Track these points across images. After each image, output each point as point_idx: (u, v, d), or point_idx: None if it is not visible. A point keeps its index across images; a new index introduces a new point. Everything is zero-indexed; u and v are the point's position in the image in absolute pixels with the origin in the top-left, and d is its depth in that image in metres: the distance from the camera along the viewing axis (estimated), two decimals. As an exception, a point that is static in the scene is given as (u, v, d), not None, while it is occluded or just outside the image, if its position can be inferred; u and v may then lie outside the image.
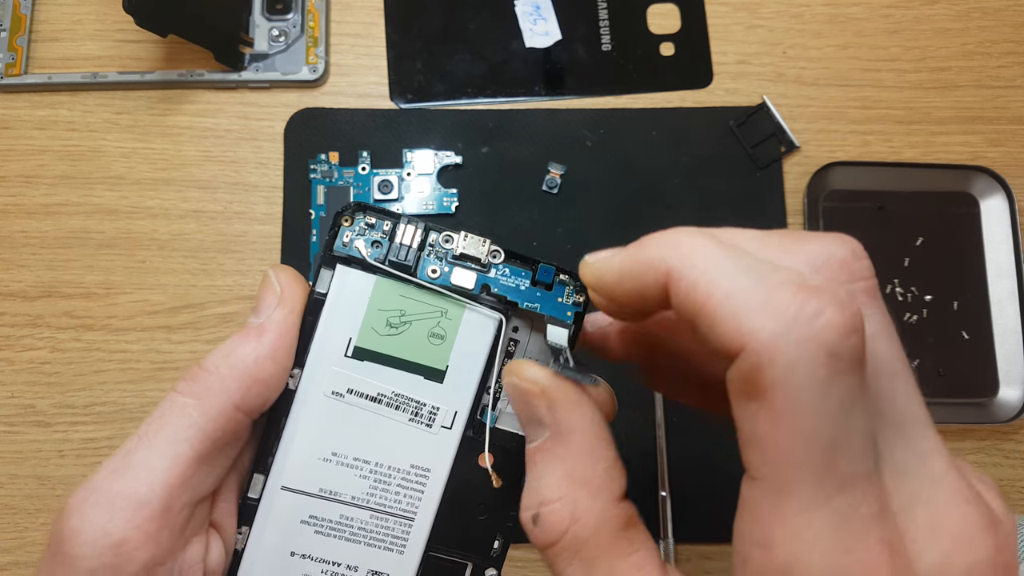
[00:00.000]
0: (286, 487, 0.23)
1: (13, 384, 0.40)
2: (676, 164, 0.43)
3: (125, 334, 0.40)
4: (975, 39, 0.45)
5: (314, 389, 0.23)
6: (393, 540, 0.24)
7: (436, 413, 0.23)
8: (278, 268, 0.23)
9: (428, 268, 0.23)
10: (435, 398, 0.23)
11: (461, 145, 0.42)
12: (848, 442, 0.14)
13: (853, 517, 0.14)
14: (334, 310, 0.22)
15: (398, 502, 0.23)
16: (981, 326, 0.41)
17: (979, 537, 0.15)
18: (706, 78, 0.44)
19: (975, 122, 0.44)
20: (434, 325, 0.23)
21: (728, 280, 0.15)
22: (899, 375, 0.16)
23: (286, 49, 0.43)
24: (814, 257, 0.16)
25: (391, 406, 0.23)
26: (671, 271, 0.16)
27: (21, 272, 0.41)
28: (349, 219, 0.22)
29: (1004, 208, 0.42)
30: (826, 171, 0.42)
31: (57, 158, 0.42)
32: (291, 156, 0.42)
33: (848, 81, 0.44)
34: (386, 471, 0.23)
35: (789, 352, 0.14)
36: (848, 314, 0.14)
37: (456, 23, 0.44)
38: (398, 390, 0.23)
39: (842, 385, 0.14)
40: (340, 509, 0.23)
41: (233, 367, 0.21)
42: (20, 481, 0.39)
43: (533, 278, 0.23)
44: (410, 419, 0.23)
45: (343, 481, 0.23)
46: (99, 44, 0.44)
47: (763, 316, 0.14)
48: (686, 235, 0.17)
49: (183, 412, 0.21)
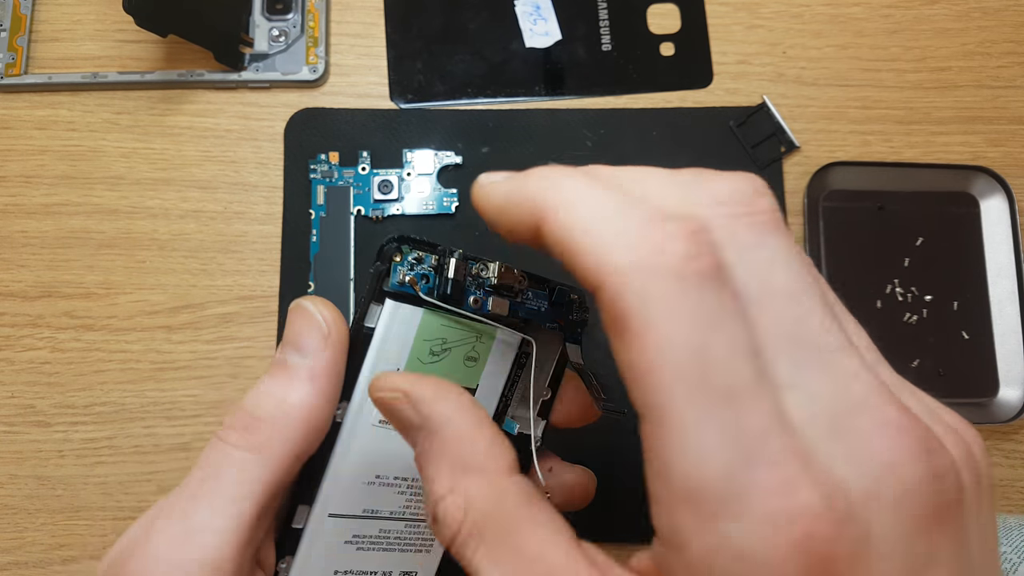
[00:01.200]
0: (333, 514, 0.23)
1: (13, 384, 0.40)
2: (676, 164, 0.42)
3: (125, 334, 0.40)
4: (975, 39, 0.45)
5: (361, 421, 0.23)
6: (423, 542, 0.25)
7: None
8: (317, 302, 0.22)
9: (470, 299, 0.23)
10: None
11: (461, 145, 0.42)
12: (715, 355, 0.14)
13: (745, 430, 0.14)
14: (383, 344, 0.23)
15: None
16: (981, 326, 0.41)
17: (908, 466, 0.14)
18: (706, 78, 0.44)
19: (975, 122, 0.44)
20: (470, 349, 0.24)
21: (589, 218, 0.15)
22: (802, 301, 0.15)
23: (286, 49, 0.43)
24: (718, 193, 0.16)
25: None
26: (544, 208, 0.16)
27: (21, 272, 0.41)
28: (399, 255, 0.22)
29: (1004, 208, 0.42)
30: (826, 171, 0.42)
31: (57, 158, 0.42)
32: (291, 156, 0.42)
33: (848, 81, 0.44)
34: (420, 483, 0.24)
35: (639, 280, 0.14)
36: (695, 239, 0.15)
37: (456, 23, 0.44)
38: None
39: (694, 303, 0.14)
40: (380, 524, 0.24)
41: (288, 415, 0.20)
42: (20, 481, 0.39)
43: (550, 299, 0.25)
44: None
45: (384, 499, 0.24)
46: (99, 44, 0.44)
47: (615, 249, 0.15)
48: (564, 174, 0.17)
49: (243, 467, 0.20)
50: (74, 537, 0.38)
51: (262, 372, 0.40)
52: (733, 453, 0.14)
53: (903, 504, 0.14)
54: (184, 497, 0.19)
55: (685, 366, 0.14)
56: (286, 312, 0.40)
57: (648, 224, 0.15)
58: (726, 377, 0.14)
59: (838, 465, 0.14)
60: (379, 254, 0.22)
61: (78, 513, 0.38)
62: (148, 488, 0.39)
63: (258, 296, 0.41)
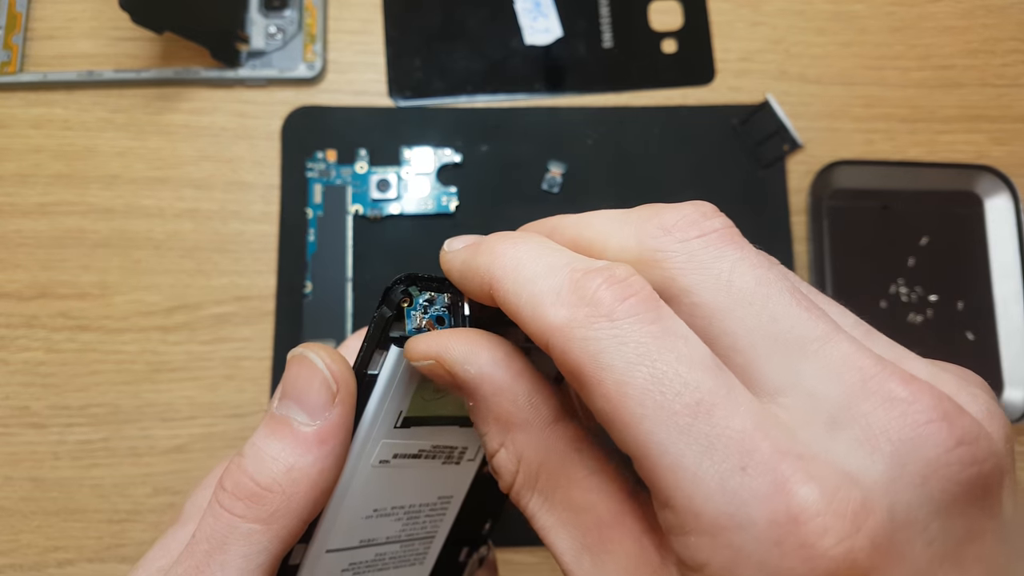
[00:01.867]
0: (330, 549, 0.23)
1: (8, 385, 0.39)
2: (678, 163, 0.42)
3: (120, 335, 0.40)
4: (979, 37, 0.44)
5: (361, 463, 0.22)
6: (416, 557, 0.25)
7: (464, 451, 0.24)
8: (321, 352, 0.20)
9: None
10: (464, 439, 0.24)
11: (460, 143, 0.42)
12: (671, 380, 0.14)
13: (726, 441, 0.14)
14: (387, 388, 0.21)
15: (424, 528, 0.25)
16: (986, 326, 0.41)
17: (930, 438, 0.14)
18: (708, 76, 0.44)
19: (979, 120, 0.43)
20: None
21: (527, 284, 0.16)
22: (771, 298, 0.15)
23: (283, 46, 0.43)
24: (666, 223, 0.17)
25: (429, 456, 0.23)
26: (491, 279, 0.17)
27: (16, 272, 0.40)
28: (408, 299, 0.20)
29: (1009, 207, 0.41)
30: (830, 170, 0.42)
31: (52, 157, 0.42)
32: (288, 154, 0.42)
33: (852, 79, 0.44)
34: (417, 509, 0.24)
35: (578, 333, 0.15)
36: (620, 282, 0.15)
37: (455, 20, 0.44)
38: (437, 443, 0.23)
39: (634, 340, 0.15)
40: (376, 550, 0.24)
41: (297, 483, 0.19)
42: (15, 483, 0.38)
43: None
44: (443, 463, 0.24)
45: (381, 528, 0.24)
46: (94, 42, 0.43)
47: (552, 309, 0.16)
48: (507, 242, 0.18)
49: (250, 539, 0.19)
50: (69, 539, 0.38)
51: (258, 373, 0.39)
52: (722, 466, 0.14)
53: (931, 480, 0.13)
54: (190, 571, 0.18)
55: (646, 400, 0.14)
56: (283, 312, 0.40)
57: (578, 280, 0.16)
58: (689, 396, 0.14)
59: (843, 456, 0.14)
60: (385, 297, 0.20)
61: (73, 515, 0.38)
62: (143, 490, 0.38)
63: (254, 296, 0.40)
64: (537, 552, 0.38)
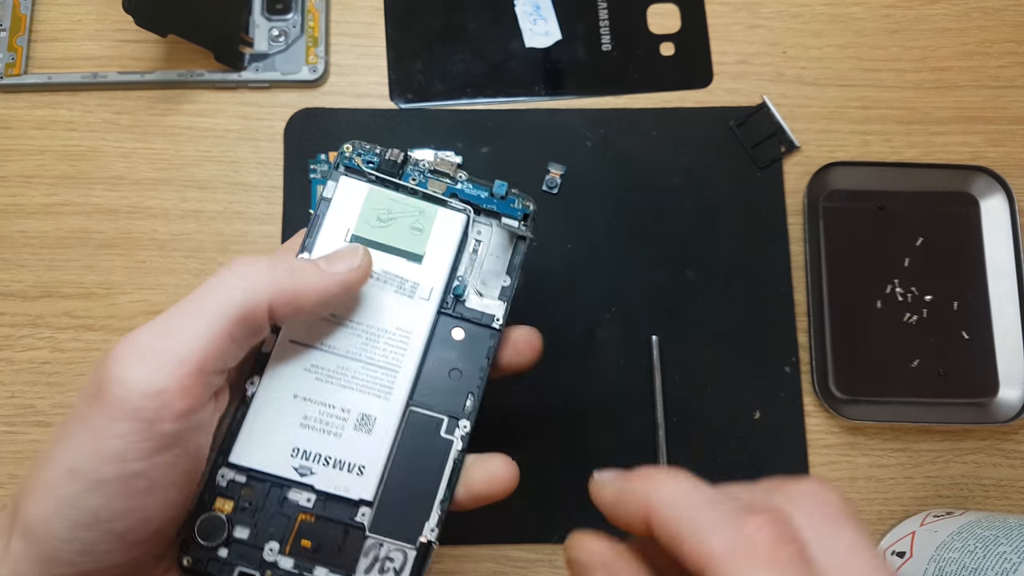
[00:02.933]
0: (294, 340, 0.28)
1: (13, 384, 0.40)
2: (676, 164, 0.43)
3: (125, 334, 0.40)
4: (975, 39, 0.45)
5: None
6: (380, 388, 0.28)
7: (416, 287, 0.29)
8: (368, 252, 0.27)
9: (409, 179, 0.30)
10: (415, 275, 0.29)
11: (461, 145, 0.42)
12: None
13: None
14: (338, 208, 0.29)
15: (384, 356, 0.28)
16: (981, 326, 0.41)
17: None
18: (706, 78, 0.44)
19: (975, 122, 0.44)
20: (414, 221, 0.30)
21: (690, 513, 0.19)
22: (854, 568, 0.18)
23: (286, 49, 0.43)
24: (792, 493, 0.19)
25: (380, 280, 0.29)
26: (650, 506, 0.20)
27: (21, 272, 0.41)
28: (351, 146, 0.30)
29: (1004, 208, 0.42)
30: (826, 171, 0.42)
31: (57, 158, 0.42)
32: (291, 156, 0.42)
33: (848, 81, 0.44)
34: (376, 331, 0.28)
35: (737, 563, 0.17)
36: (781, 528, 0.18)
37: (456, 23, 0.44)
38: (386, 268, 0.29)
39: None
40: (337, 360, 0.28)
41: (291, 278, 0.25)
42: (20, 481, 0.39)
43: (491, 191, 0.31)
44: (395, 291, 0.29)
45: (340, 338, 0.28)
46: (99, 44, 0.44)
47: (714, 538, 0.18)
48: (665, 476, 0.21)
49: (229, 292, 0.24)
50: (74, 537, 0.38)
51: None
52: None
53: None
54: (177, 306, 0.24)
55: None
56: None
57: (740, 516, 0.18)
58: None
59: None
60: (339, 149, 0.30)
61: (78, 513, 0.38)
62: (148, 488, 0.39)
63: (258, 296, 0.41)
64: (538, 549, 0.39)
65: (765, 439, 0.39)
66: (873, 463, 0.40)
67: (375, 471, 0.27)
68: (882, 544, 0.38)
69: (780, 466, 0.39)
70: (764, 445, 0.39)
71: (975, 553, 0.33)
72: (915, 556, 0.35)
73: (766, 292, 0.41)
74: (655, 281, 0.41)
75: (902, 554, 0.36)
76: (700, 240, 0.42)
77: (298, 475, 0.27)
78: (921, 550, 0.35)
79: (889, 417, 0.39)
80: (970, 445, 0.40)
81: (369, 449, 0.27)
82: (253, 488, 0.27)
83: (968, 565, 0.33)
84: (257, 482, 0.27)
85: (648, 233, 0.42)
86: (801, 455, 0.39)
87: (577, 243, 0.41)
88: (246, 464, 0.27)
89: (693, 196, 0.42)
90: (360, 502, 0.27)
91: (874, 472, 0.40)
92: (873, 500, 0.39)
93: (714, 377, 0.40)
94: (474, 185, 0.31)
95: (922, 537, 0.36)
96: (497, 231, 0.30)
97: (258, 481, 0.27)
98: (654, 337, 0.40)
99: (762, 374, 0.40)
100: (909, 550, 0.36)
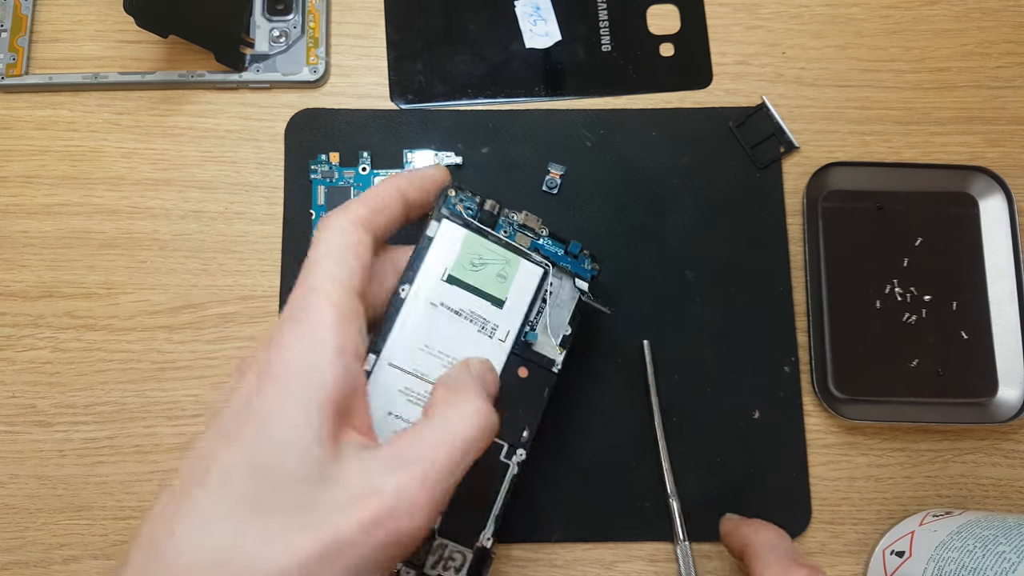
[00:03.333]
0: (392, 364, 0.31)
1: (14, 384, 0.40)
2: (676, 164, 0.43)
3: (126, 334, 0.40)
4: (974, 39, 0.45)
5: (420, 298, 0.32)
6: None
7: (496, 329, 0.33)
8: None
9: (501, 230, 0.34)
10: (496, 318, 0.33)
11: (461, 145, 0.43)
12: None
13: None
14: (438, 248, 0.33)
15: None
16: (980, 326, 0.41)
17: None
18: (706, 79, 0.44)
19: (974, 122, 0.44)
20: (500, 269, 0.34)
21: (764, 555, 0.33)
22: None
23: (287, 50, 0.43)
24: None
25: (467, 319, 0.33)
26: (746, 544, 0.34)
27: (22, 272, 0.41)
28: (455, 191, 0.33)
29: (1003, 208, 0.42)
30: (825, 171, 0.42)
31: (58, 158, 0.42)
32: (292, 156, 0.42)
33: (847, 82, 0.44)
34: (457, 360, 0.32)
35: None
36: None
37: (456, 24, 0.44)
38: (473, 309, 0.33)
39: None
40: (426, 386, 0.32)
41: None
42: (21, 481, 0.39)
43: (566, 249, 0.35)
44: (478, 330, 0.33)
45: (430, 366, 0.32)
46: (100, 44, 0.44)
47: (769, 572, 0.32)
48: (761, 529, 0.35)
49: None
50: (75, 537, 0.38)
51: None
52: None
53: None
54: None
55: None
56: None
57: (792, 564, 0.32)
58: None
59: None
60: (442, 192, 0.33)
61: (79, 513, 0.39)
62: (149, 488, 0.39)
63: (259, 296, 0.41)
64: (537, 548, 0.39)
65: (764, 439, 0.40)
66: (872, 463, 0.40)
67: None
68: (881, 543, 0.38)
69: (779, 466, 0.39)
70: (763, 445, 0.39)
71: (974, 552, 0.33)
72: (914, 556, 0.36)
73: (765, 292, 0.41)
74: (654, 281, 0.41)
75: (901, 553, 0.36)
76: (699, 240, 0.42)
77: None
78: (920, 550, 0.35)
79: (888, 417, 0.40)
80: (969, 445, 0.40)
81: None
82: None
83: (967, 564, 0.33)
84: None
85: (647, 233, 0.42)
86: (800, 455, 0.39)
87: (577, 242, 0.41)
88: None
89: (692, 196, 0.42)
90: None
91: (873, 472, 0.40)
92: (872, 500, 0.39)
93: (713, 377, 0.40)
94: (553, 242, 0.35)
95: (921, 536, 0.36)
96: (567, 285, 0.35)
97: None
98: (645, 342, 0.40)
99: (761, 374, 0.40)
100: (908, 549, 0.36)
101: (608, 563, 0.38)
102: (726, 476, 0.39)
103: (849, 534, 0.39)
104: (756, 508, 0.38)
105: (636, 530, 0.38)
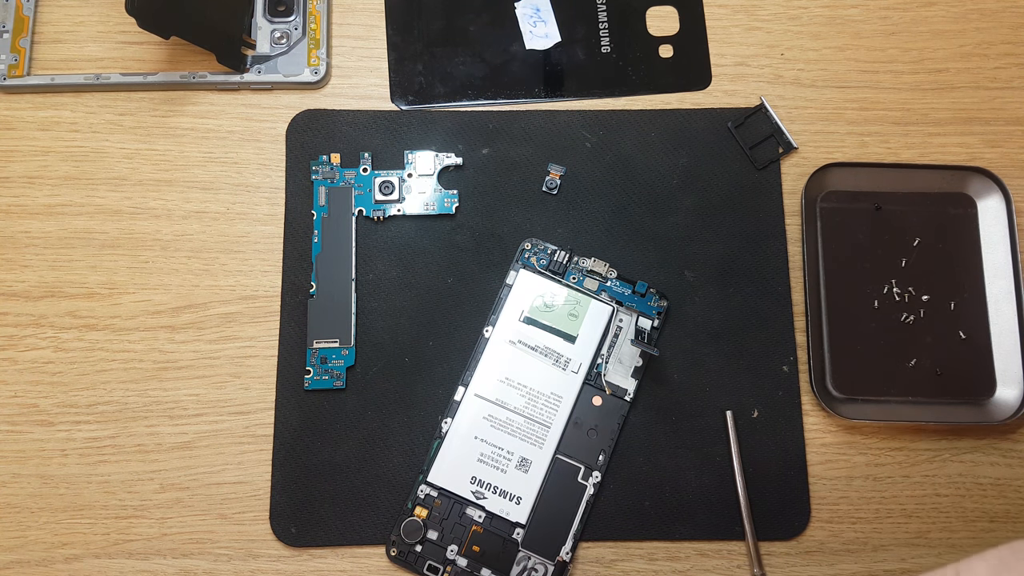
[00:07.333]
0: (477, 395, 0.38)
1: (16, 384, 0.40)
2: (675, 165, 0.43)
3: (128, 334, 0.40)
4: (972, 40, 0.45)
5: (501, 338, 0.39)
6: (536, 439, 0.38)
7: (569, 362, 0.39)
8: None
9: (570, 276, 0.40)
10: (569, 352, 0.39)
11: (461, 146, 0.43)
12: None
13: None
14: (516, 294, 0.40)
15: (541, 414, 0.38)
16: (978, 326, 0.41)
17: None
18: (705, 80, 0.44)
19: (972, 123, 0.44)
20: (571, 309, 0.39)
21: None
22: None
23: (288, 51, 0.44)
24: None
25: (543, 354, 0.39)
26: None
27: (24, 272, 0.41)
28: (529, 244, 0.40)
29: (1001, 208, 0.42)
30: (824, 172, 0.42)
31: (60, 159, 0.42)
32: (293, 157, 0.42)
33: (846, 82, 0.44)
34: (536, 394, 0.38)
35: None
36: None
37: (457, 25, 0.45)
38: (548, 345, 0.39)
39: None
40: (507, 414, 0.38)
41: None
42: (23, 480, 0.39)
43: (633, 288, 0.40)
44: (553, 363, 0.39)
45: (510, 396, 0.38)
46: (102, 46, 0.44)
47: None
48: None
49: None
50: (77, 536, 0.38)
51: (264, 372, 0.40)
52: None
53: None
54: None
55: None
56: (288, 311, 0.40)
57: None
58: None
59: None
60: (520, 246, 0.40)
61: (81, 512, 0.39)
62: (151, 487, 0.39)
63: (260, 296, 0.41)
64: (537, 547, 0.39)
65: (763, 438, 0.40)
66: (870, 462, 0.40)
67: (529, 501, 0.37)
68: None
69: (778, 465, 0.39)
70: (762, 444, 0.40)
71: None
72: None
73: (764, 292, 0.41)
74: (654, 281, 0.41)
75: None
76: (698, 240, 0.42)
77: (475, 497, 0.37)
78: None
79: (886, 416, 0.40)
80: (967, 444, 0.40)
81: (525, 484, 0.37)
82: (442, 502, 0.37)
83: None
84: (445, 498, 0.37)
85: (647, 233, 0.42)
86: (799, 454, 0.40)
87: (576, 243, 0.42)
88: (439, 484, 0.37)
89: (691, 197, 0.43)
90: (516, 524, 0.37)
91: (871, 471, 0.40)
92: (871, 499, 0.39)
93: (712, 377, 0.40)
94: (620, 283, 0.40)
95: None
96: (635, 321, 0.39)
97: (446, 497, 0.37)
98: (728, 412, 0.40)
99: (760, 374, 0.40)
100: None
101: (608, 561, 0.38)
102: (725, 475, 0.39)
103: (847, 533, 0.39)
104: (755, 507, 0.38)
105: (636, 530, 0.39)
